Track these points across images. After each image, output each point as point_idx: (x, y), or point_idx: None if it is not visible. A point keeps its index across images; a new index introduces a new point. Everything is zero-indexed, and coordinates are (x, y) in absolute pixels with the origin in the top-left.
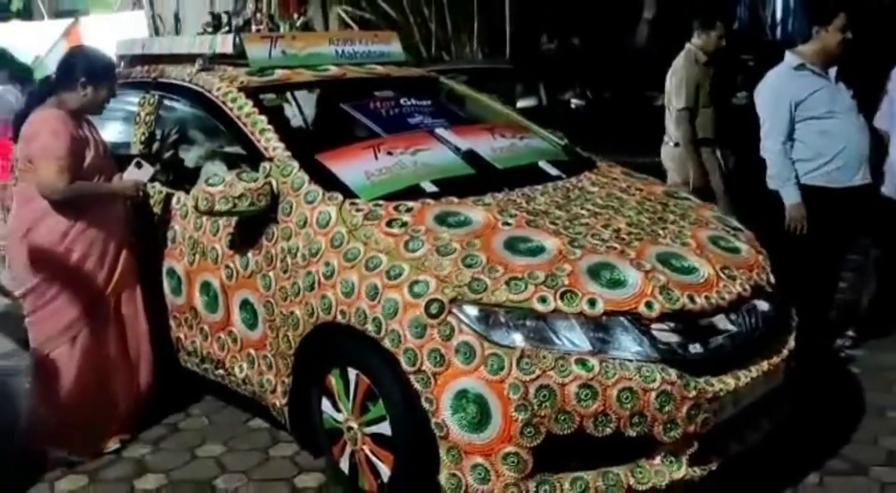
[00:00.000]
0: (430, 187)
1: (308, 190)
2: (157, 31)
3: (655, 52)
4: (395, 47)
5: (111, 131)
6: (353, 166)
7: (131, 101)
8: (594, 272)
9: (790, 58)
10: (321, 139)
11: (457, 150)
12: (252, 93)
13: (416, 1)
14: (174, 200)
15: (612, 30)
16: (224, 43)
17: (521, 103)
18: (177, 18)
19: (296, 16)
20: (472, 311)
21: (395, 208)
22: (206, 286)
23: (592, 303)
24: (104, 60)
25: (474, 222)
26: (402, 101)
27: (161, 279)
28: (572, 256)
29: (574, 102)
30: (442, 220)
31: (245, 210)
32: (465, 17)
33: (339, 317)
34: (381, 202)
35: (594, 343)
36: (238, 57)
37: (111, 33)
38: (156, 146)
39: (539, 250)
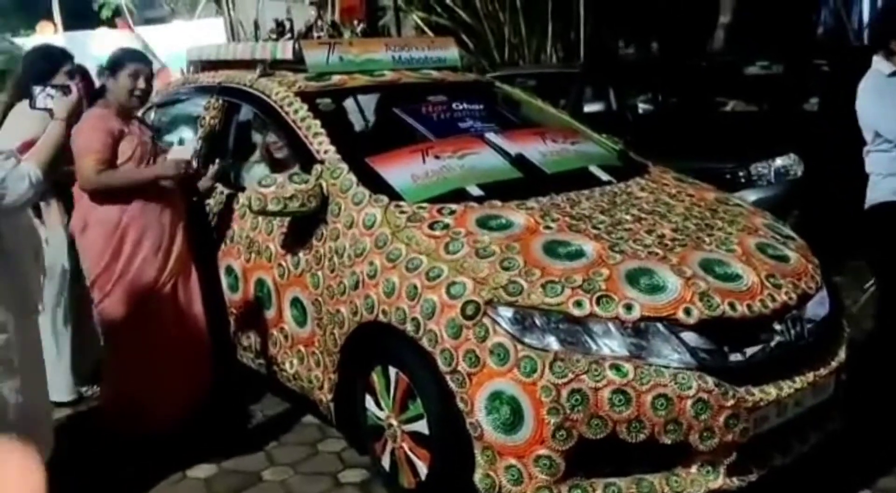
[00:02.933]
0: (475, 191)
1: (356, 192)
2: (235, 37)
3: (730, 58)
4: (451, 53)
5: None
6: (400, 169)
7: (200, 104)
8: (633, 277)
9: (882, 65)
10: (373, 143)
11: (506, 154)
12: (308, 97)
13: (491, 6)
14: (234, 200)
15: (688, 34)
16: (284, 49)
17: (589, 108)
18: (256, 25)
19: (355, 22)
20: (507, 313)
21: (439, 211)
22: (260, 284)
23: (629, 308)
24: (118, 51)
25: (515, 226)
26: (454, 105)
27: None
28: (612, 260)
29: (642, 106)
30: (483, 223)
31: (296, 211)
32: (540, 22)
33: (380, 316)
34: (425, 205)
35: (630, 349)
36: (297, 62)
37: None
38: (218, 148)
39: (578, 255)
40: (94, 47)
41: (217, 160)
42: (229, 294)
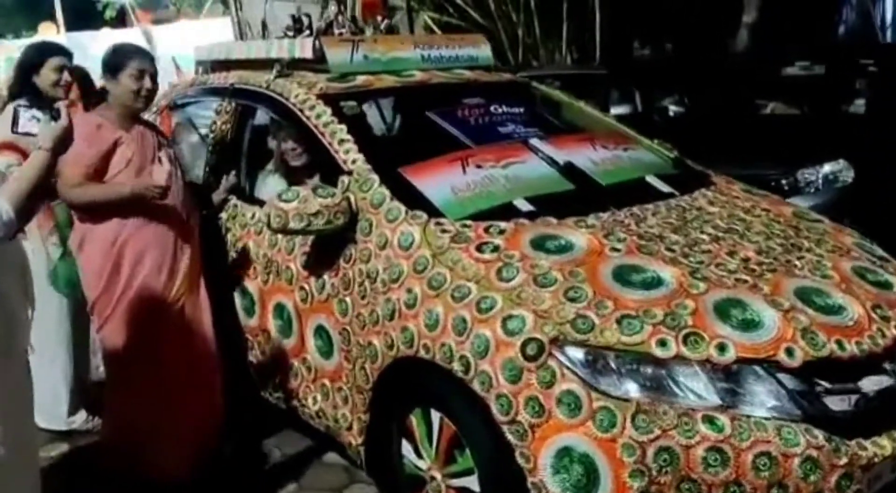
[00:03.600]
0: (524, 206)
1: (389, 207)
2: (242, 38)
3: (757, 58)
4: (483, 51)
5: None
6: (438, 181)
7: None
8: (723, 311)
9: None
10: (405, 151)
11: (553, 162)
12: (331, 100)
13: (504, 6)
14: (249, 215)
15: (708, 35)
16: (304, 47)
17: (615, 110)
18: (264, 25)
19: (379, 18)
20: (578, 354)
21: (486, 230)
22: (279, 309)
23: (722, 348)
24: (115, 49)
25: (577, 248)
26: (492, 108)
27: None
28: (695, 290)
29: (672, 109)
30: (539, 244)
31: (321, 229)
32: (554, 22)
33: (421, 352)
34: (469, 222)
35: (723, 397)
36: (318, 62)
37: None
38: (231, 157)
39: (655, 283)
40: (95, 48)
41: (232, 172)
42: (244, 319)
